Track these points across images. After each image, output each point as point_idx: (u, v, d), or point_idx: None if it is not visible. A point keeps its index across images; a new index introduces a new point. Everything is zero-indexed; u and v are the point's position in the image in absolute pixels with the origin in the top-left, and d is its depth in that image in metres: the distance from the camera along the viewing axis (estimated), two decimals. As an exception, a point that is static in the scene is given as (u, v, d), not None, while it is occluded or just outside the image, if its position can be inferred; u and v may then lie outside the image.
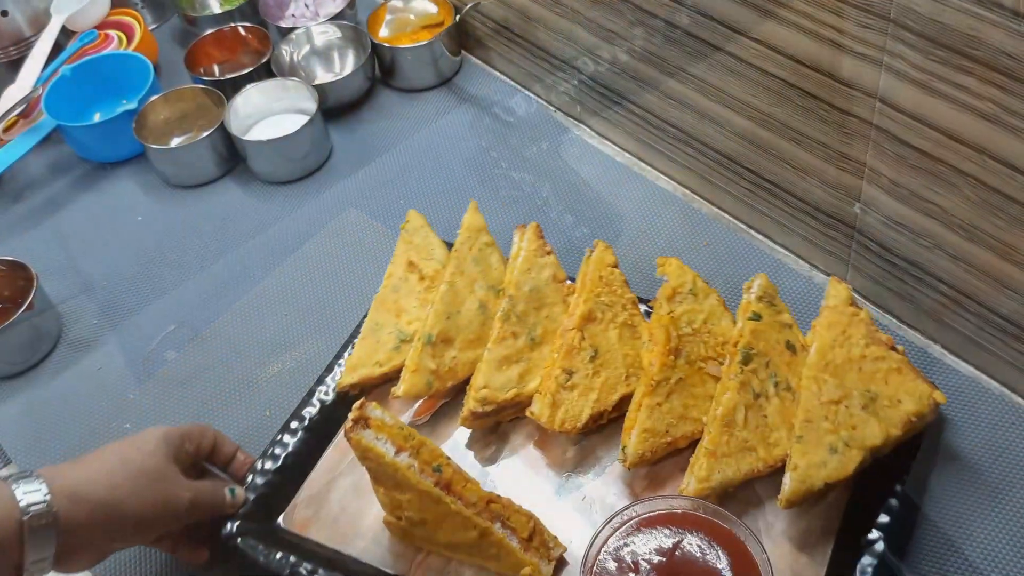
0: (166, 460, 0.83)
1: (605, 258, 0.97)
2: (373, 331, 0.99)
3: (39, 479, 0.75)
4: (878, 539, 0.80)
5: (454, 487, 0.82)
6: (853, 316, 0.88)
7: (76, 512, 0.75)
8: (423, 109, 1.31)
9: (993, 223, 0.83)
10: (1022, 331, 0.88)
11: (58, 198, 1.29)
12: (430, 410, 0.96)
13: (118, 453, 0.81)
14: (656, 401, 0.88)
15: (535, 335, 0.95)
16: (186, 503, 0.83)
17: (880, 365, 0.85)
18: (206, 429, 0.91)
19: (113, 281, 1.17)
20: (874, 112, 0.86)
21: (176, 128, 1.31)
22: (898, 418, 0.83)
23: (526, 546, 0.83)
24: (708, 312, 0.92)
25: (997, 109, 0.75)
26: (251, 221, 1.22)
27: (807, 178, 0.98)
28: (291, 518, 0.91)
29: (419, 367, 0.93)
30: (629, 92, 1.13)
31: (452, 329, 0.96)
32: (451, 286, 0.97)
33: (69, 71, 1.32)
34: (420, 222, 1.05)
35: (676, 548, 0.80)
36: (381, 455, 0.80)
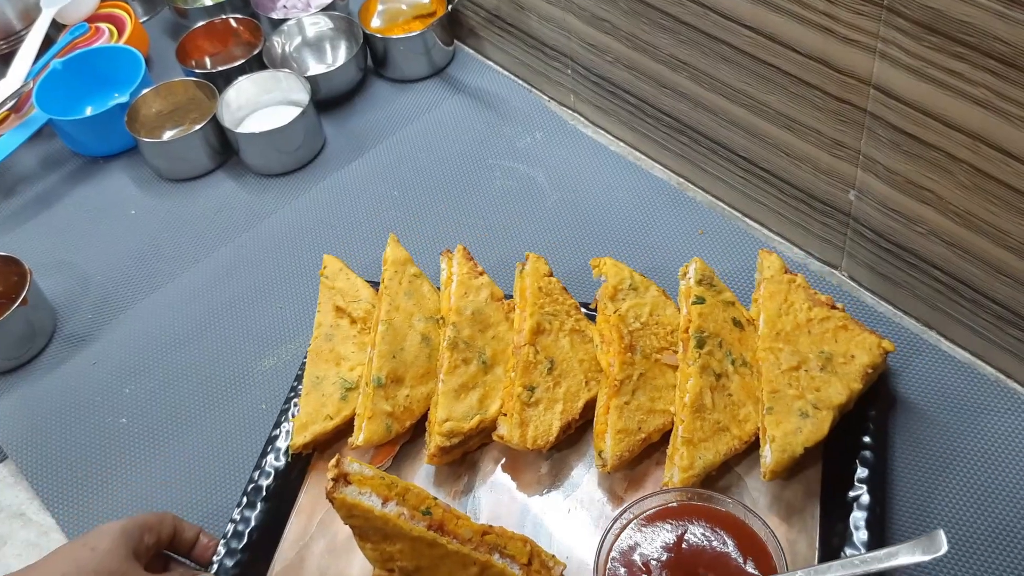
0: (124, 558, 0.79)
1: (539, 268, 0.96)
2: (316, 385, 0.95)
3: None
4: (862, 492, 0.82)
5: (447, 526, 0.80)
6: (791, 283, 0.91)
7: None
8: (416, 100, 1.31)
9: (987, 209, 0.83)
10: (1017, 317, 0.88)
11: (51, 193, 1.28)
12: (390, 455, 0.93)
13: (71, 557, 0.78)
14: (623, 400, 0.88)
15: (486, 358, 0.93)
16: None
17: (827, 325, 0.88)
18: (164, 517, 0.86)
19: (107, 275, 1.17)
20: (868, 99, 0.86)
21: (168, 121, 1.30)
22: (856, 372, 0.86)
23: (527, 571, 0.82)
24: (652, 304, 0.93)
25: (991, 95, 0.75)
26: (245, 214, 1.21)
27: (801, 166, 0.98)
28: None
29: (375, 412, 0.90)
30: (623, 81, 1.13)
31: (400, 367, 0.93)
32: (389, 324, 0.94)
33: (60, 65, 1.32)
34: (338, 265, 1.03)
35: (681, 540, 0.80)
36: (369, 509, 0.77)
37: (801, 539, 0.83)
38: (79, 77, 1.33)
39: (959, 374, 0.93)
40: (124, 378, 1.07)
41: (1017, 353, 0.91)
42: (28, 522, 0.96)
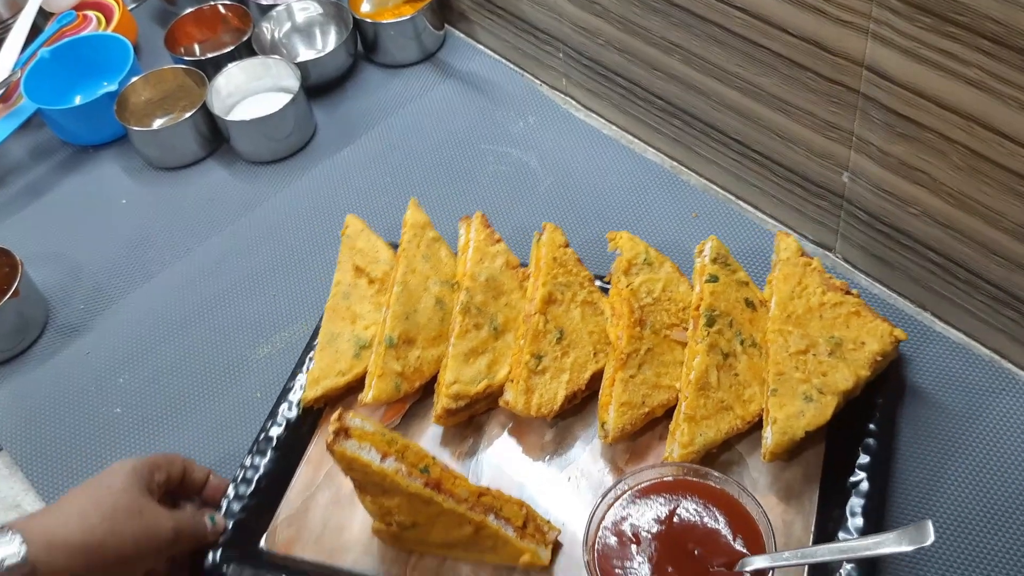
0: (139, 493, 0.81)
1: (556, 239, 0.97)
2: (330, 341, 0.97)
3: (11, 531, 0.74)
4: (861, 479, 0.82)
5: (443, 485, 0.81)
6: (806, 266, 0.90)
7: (54, 560, 0.75)
8: (407, 85, 1.30)
9: (981, 190, 0.83)
10: (1011, 297, 0.88)
11: (41, 183, 1.27)
12: (399, 413, 0.95)
13: (88, 495, 0.80)
14: (629, 374, 0.88)
15: (497, 324, 0.94)
16: (169, 534, 0.81)
17: (840, 310, 0.87)
18: (174, 458, 0.88)
19: (99, 266, 1.17)
20: (861, 80, 0.85)
21: (158, 109, 1.29)
22: (864, 359, 0.85)
23: (521, 534, 0.83)
24: (665, 280, 0.93)
25: (984, 75, 0.75)
26: (237, 202, 1.21)
27: (794, 148, 0.98)
28: (273, 539, 0.89)
29: (385, 371, 0.92)
30: (615, 64, 1.12)
31: (412, 329, 0.94)
32: (405, 286, 0.96)
33: (48, 53, 1.31)
34: (360, 226, 1.04)
35: (673, 515, 0.81)
36: (367, 464, 0.79)
37: (797, 521, 0.84)
38: (67, 66, 1.32)
39: (954, 355, 0.93)
40: (118, 368, 1.06)
41: (1011, 334, 0.91)
42: (24, 513, 0.96)
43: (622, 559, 0.79)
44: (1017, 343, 0.91)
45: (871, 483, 0.82)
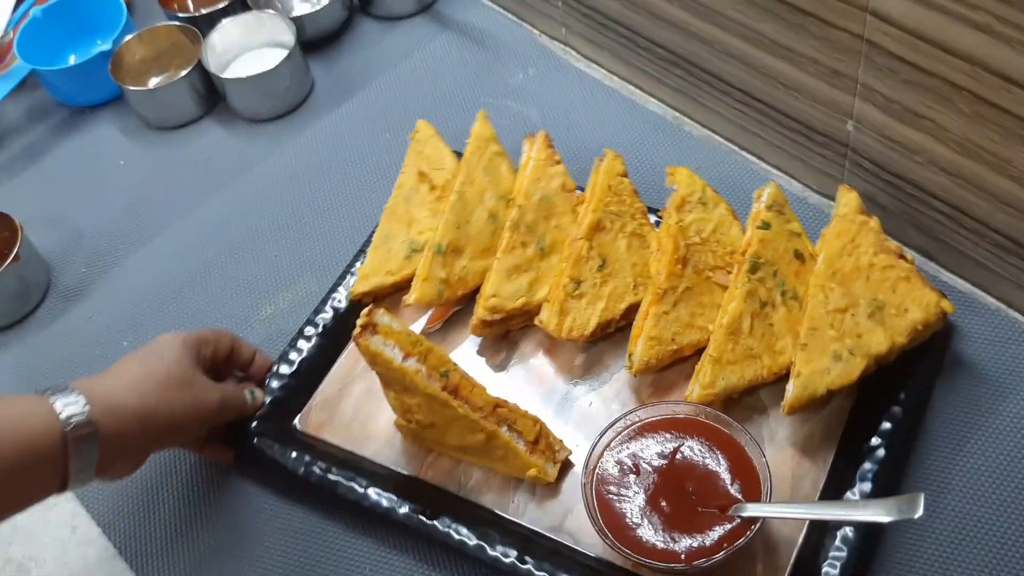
0: (190, 365, 0.85)
1: (615, 167, 0.96)
2: (384, 241, 1.00)
3: (74, 392, 0.77)
4: (879, 446, 0.82)
5: (461, 392, 0.84)
6: (863, 225, 0.87)
7: (111, 422, 0.77)
8: (405, 38, 1.28)
9: (988, 137, 0.81)
10: (1018, 246, 0.87)
11: (38, 145, 1.26)
12: (442, 318, 0.98)
13: (142, 364, 0.83)
14: (663, 310, 0.88)
15: (544, 245, 0.95)
16: (215, 405, 0.86)
17: (888, 274, 0.85)
18: (223, 334, 0.92)
19: (100, 228, 1.16)
20: (865, 26, 0.83)
21: (153, 68, 1.28)
22: (904, 326, 0.83)
23: (532, 449, 0.86)
24: (717, 221, 0.92)
25: (991, 19, 0.73)
26: (235, 161, 1.20)
27: (799, 96, 0.96)
28: (306, 421, 0.95)
29: (430, 276, 0.95)
30: (615, 12, 1.10)
31: (462, 239, 0.96)
32: (461, 196, 0.98)
33: (40, 13, 1.29)
34: (430, 131, 1.05)
35: (677, 452, 0.82)
36: (389, 360, 0.82)
37: (808, 477, 0.84)
38: (60, 25, 1.30)
39: (960, 304, 0.92)
40: (121, 331, 1.06)
41: (1018, 283, 0.90)
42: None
43: (618, 486, 0.81)
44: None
45: (887, 451, 0.81)
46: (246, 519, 0.91)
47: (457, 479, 0.89)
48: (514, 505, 0.87)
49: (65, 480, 0.76)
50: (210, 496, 0.93)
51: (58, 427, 0.74)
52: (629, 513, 0.80)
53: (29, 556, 0.92)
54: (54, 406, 0.75)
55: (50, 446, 0.74)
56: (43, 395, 0.76)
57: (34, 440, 0.74)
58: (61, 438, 0.74)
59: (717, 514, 0.78)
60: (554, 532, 0.85)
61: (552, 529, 0.85)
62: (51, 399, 0.76)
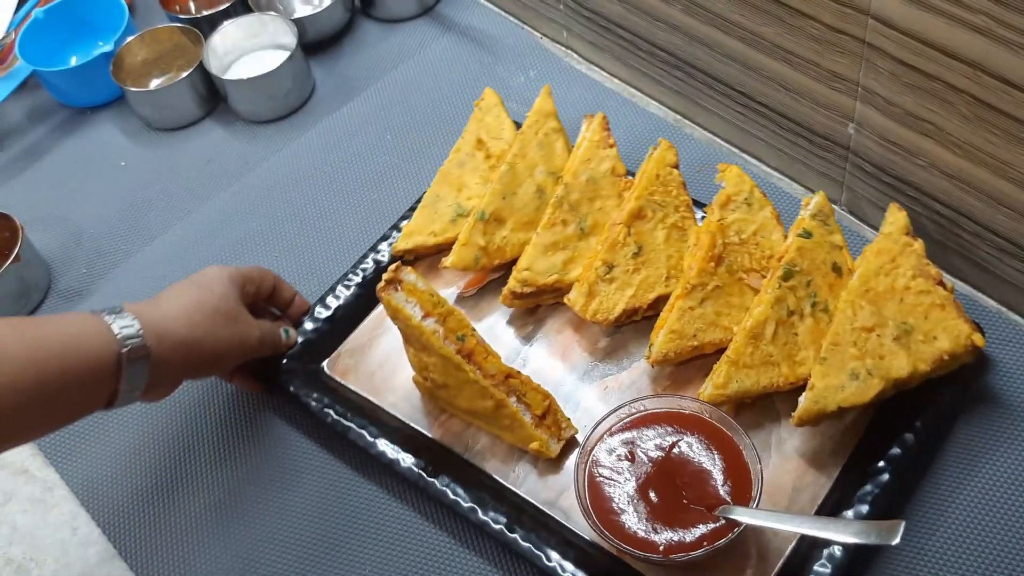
0: (236, 301, 0.88)
1: (666, 157, 0.96)
2: (433, 202, 1.02)
3: (130, 314, 0.80)
4: (884, 470, 0.81)
5: (475, 357, 0.86)
6: (906, 246, 0.85)
7: (162, 348, 0.80)
8: (406, 40, 1.28)
9: (988, 140, 0.81)
10: (1019, 249, 0.87)
11: (39, 146, 1.26)
12: (478, 284, 1.00)
13: (191, 295, 0.86)
14: (689, 305, 0.89)
15: (585, 225, 0.96)
16: (256, 341, 0.90)
17: (923, 299, 0.83)
18: (266, 274, 0.95)
19: (100, 229, 1.16)
20: (866, 29, 0.83)
21: (154, 69, 1.28)
22: (929, 354, 0.82)
23: (538, 423, 0.87)
24: (760, 224, 0.92)
25: (991, 23, 0.73)
26: (236, 162, 1.20)
27: (799, 99, 0.96)
28: (334, 365, 0.98)
29: (469, 241, 0.97)
30: (616, 15, 1.10)
31: (506, 209, 0.98)
32: (511, 167, 0.99)
33: (42, 14, 1.29)
34: (495, 100, 1.07)
35: (675, 446, 0.82)
36: (408, 317, 0.85)
37: (808, 491, 0.83)
38: (62, 26, 1.30)
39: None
40: (121, 332, 1.06)
41: (1019, 285, 0.90)
42: (32, 478, 0.97)
43: (612, 471, 0.82)
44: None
45: (891, 476, 0.81)
46: (246, 521, 0.91)
47: (465, 441, 0.91)
48: (515, 475, 0.89)
49: (113, 398, 0.79)
50: (211, 499, 0.93)
51: (115, 347, 0.77)
52: (617, 498, 0.80)
53: (29, 557, 0.92)
54: (112, 326, 0.78)
55: (106, 364, 0.77)
56: (98, 314, 0.79)
57: (91, 357, 0.76)
58: (116, 358, 0.77)
59: (704, 512, 0.78)
60: (548, 506, 0.86)
61: (546, 503, 0.87)
62: (108, 319, 0.78)
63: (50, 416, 0.77)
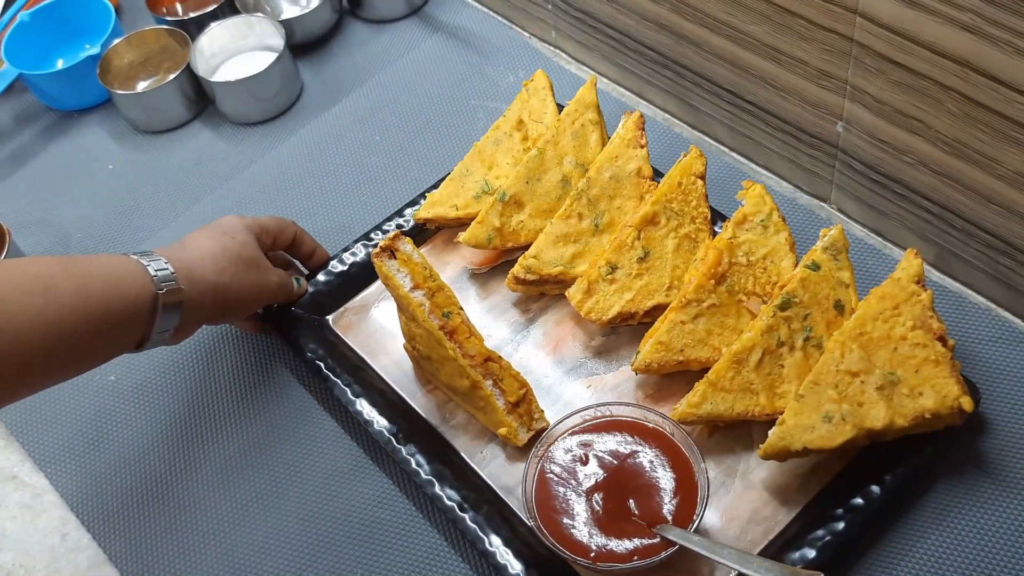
0: (256, 248, 0.91)
1: (692, 166, 0.95)
2: (461, 175, 1.03)
3: (162, 258, 0.82)
4: (840, 518, 0.79)
5: (457, 336, 0.87)
6: (913, 295, 0.82)
7: (191, 292, 0.82)
8: (394, 41, 1.28)
9: (977, 137, 0.81)
10: (1007, 245, 0.87)
11: (26, 149, 1.26)
12: (490, 263, 1.00)
13: (216, 241, 0.88)
14: (681, 319, 0.88)
15: (600, 222, 0.96)
16: (275, 287, 0.93)
17: (918, 352, 0.80)
18: (286, 225, 0.98)
19: (88, 232, 1.15)
20: (855, 28, 0.84)
21: (141, 72, 1.27)
22: (911, 409, 0.79)
23: (511, 409, 0.87)
24: (772, 248, 0.90)
25: (979, 20, 0.73)
26: (224, 164, 1.19)
27: (788, 98, 0.96)
28: (338, 320, 1.01)
29: (484, 220, 0.97)
30: (604, 14, 1.10)
31: (527, 194, 0.98)
32: (540, 153, 0.99)
33: (28, 17, 1.28)
34: (545, 83, 1.05)
35: (631, 456, 0.82)
36: (398, 286, 0.86)
37: (762, 525, 0.82)
38: (48, 29, 1.29)
39: (950, 304, 0.93)
40: (110, 336, 1.06)
41: (1007, 282, 0.90)
42: (21, 484, 0.96)
43: (563, 469, 0.83)
44: (1014, 291, 0.90)
45: (847, 525, 0.78)
46: (238, 526, 0.91)
47: (443, 414, 0.93)
48: (481, 456, 0.90)
49: (144, 339, 0.81)
50: (201, 503, 0.92)
51: (151, 288, 0.79)
52: (562, 497, 0.81)
53: (19, 563, 0.92)
54: (148, 268, 0.79)
55: (144, 305, 0.78)
56: (132, 257, 0.80)
57: (131, 297, 0.78)
58: (153, 299, 0.79)
59: (643, 527, 0.78)
60: (505, 493, 0.87)
61: (504, 489, 0.87)
62: (144, 260, 0.80)
63: (88, 354, 0.78)
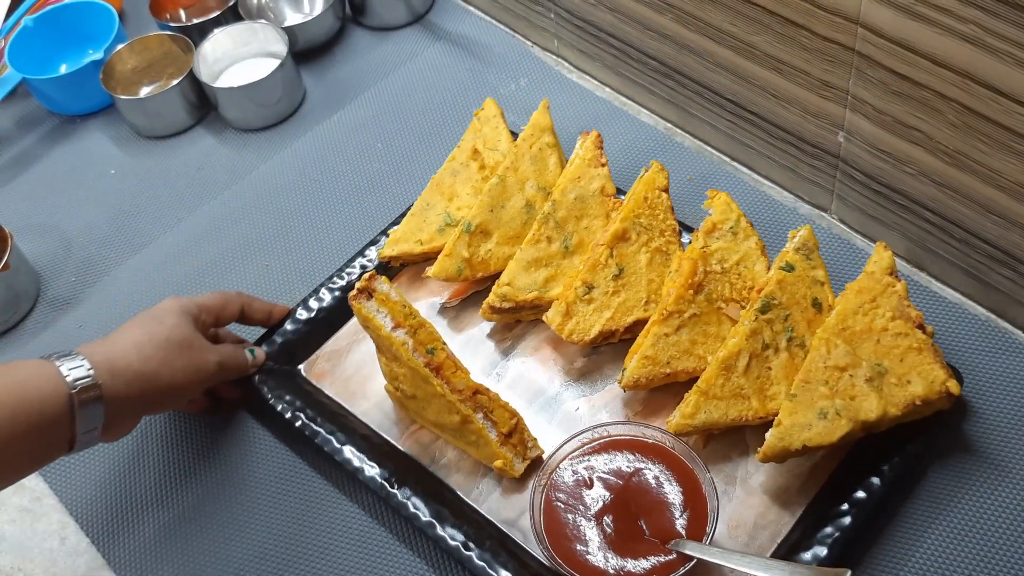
0: (190, 330, 0.87)
1: (656, 180, 0.95)
2: (423, 210, 1.02)
3: (79, 356, 0.80)
4: (846, 513, 0.79)
5: (443, 371, 0.86)
6: (888, 287, 0.84)
7: (116, 384, 0.80)
8: (397, 48, 1.28)
9: (977, 148, 0.82)
10: (1007, 256, 0.87)
11: (28, 154, 1.26)
12: (461, 296, 0.99)
13: (143, 328, 0.85)
14: (664, 331, 0.88)
15: (570, 243, 0.96)
16: (214, 367, 0.89)
17: (900, 341, 0.82)
18: (229, 299, 0.95)
19: (89, 237, 1.16)
20: (856, 38, 0.84)
21: (144, 77, 1.27)
22: (901, 398, 0.80)
23: (504, 440, 0.86)
24: (743, 254, 0.91)
25: (980, 32, 0.74)
26: (226, 170, 1.19)
27: (790, 108, 0.96)
28: (310, 368, 0.98)
29: (453, 253, 0.97)
30: (607, 24, 1.11)
31: (493, 222, 0.98)
32: (502, 180, 0.99)
33: (31, 22, 1.28)
34: (495, 111, 1.06)
35: (635, 474, 0.82)
36: (379, 327, 0.85)
37: (769, 529, 0.83)
38: (51, 34, 1.30)
39: (950, 314, 0.93)
40: (111, 341, 1.06)
41: (1008, 292, 0.90)
42: (20, 488, 0.96)
43: (569, 495, 0.82)
44: (1014, 302, 0.90)
45: (853, 519, 0.79)
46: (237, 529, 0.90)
47: (432, 454, 0.91)
48: (477, 491, 0.88)
49: (72, 441, 0.79)
50: (200, 508, 0.92)
51: (65, 390, 0.77)
52: (572, 523, 0.80)
53: (18, 567, 0.92)
54: (60, 369, 0.78)
55: (58, 409, 0.77)
56: (48, 359, 0.79)
57: (43, 404, 0.76)
58: (68, 401, 0.77)
59: (657, 544, 0.78)
60: (507, 526, 0.86)
61: (506, 523, 0.86)
62: (57, 363, 0.78)
63: (10, 463, 0.76)
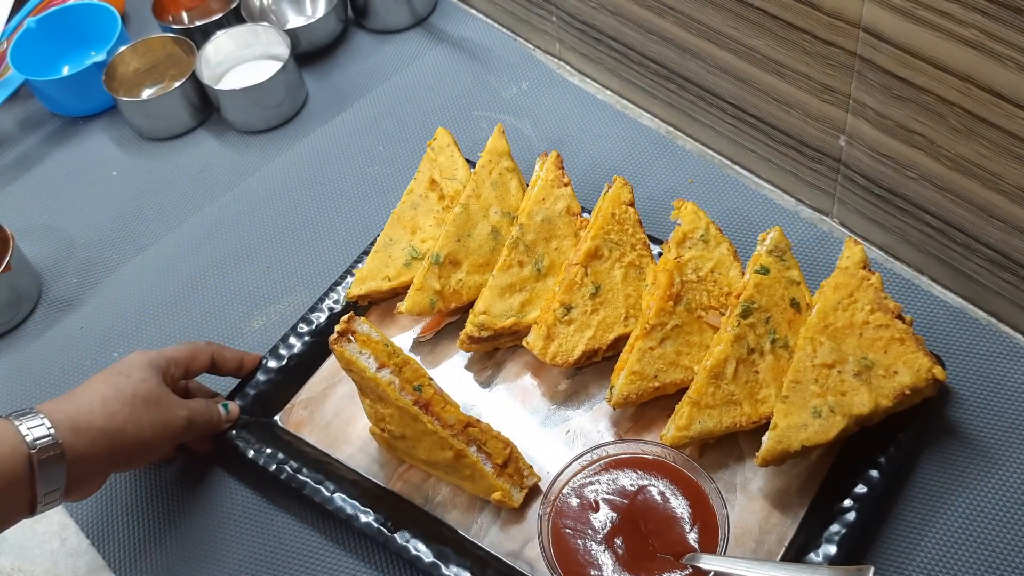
0: (157, 384, 0.84)
1: (621, 195, 0.95)
2: (386, 246, 1.00)
3: (39, 414, 0.76)
4: (850, 509, 0.80)
5: (433, 407, 0.84)
6: (863, 280, 0.85)
7: (79, 443, 0.77)
8: (399, 51, 1.28)
9: (979, 152, 0.82)
10: (1008, 260, 0.87)
11: (30, 155, 1.26)
12: (435, 328, 0.98)
13: (108, 383, 0.82)
14: (649, 345, 0.87)
15: (541, 266, 0.95)
16: (183, 422, 0.85)
17: (882, 333, 0.82)
18: (199, 352, 0.91)
19: (91, 238, 1.16)
20: (858, 42, 0.84)
21: (147, 79, 1.28)
22: (891, 389, 0.81)
23: (500, 472, 0.85)
24: (717, 261, 0.91)
25: (982, 36, 0.74)
26: (228, 172, 1.20)
27: (791, 111, 0.96)
28: (287, 417, 0.95)
29: (423, 286, 0.95)
30: (609, 27, 1.11)
31: (461, 252, 0.97)
32: (465, 208, 0.98)
33: (34, 23, 1.29)
34: (447, 140, 1.05)
35: (640, 492, 0.81)
36: (363, 369, 0.83)
37: (775, 532, 0.83)
38: (54, 36, 1.30)
39: (951, 319, 0.93)
40: (112, 342, 1.06)
41: (1009, 296, 0.90)
42: (21, 489, 0.96)
43: (576, 520, 0.81)
44: (1015, 306, 0.90)
45: (858, 514, 0.79)
46: (235, 529, 0.90)
47: (425, 493, 0.89)
48: (477, 526, 0.87)
49: (34, 504, 0.75)
50: (199, 509, 0.92)
51: (24, 451, 0.73)
52: (583, 549, 0.79)
53: (18, 568, 0.92)
54: (19, 429, 0.74)
55: (16, 470, 0.73)
56: (7, 419, 0.75)
57: (1, 465, 0.72)
58: (27, 461, 0.73)
59: (671, 560, 0.77)
60: (512, 558, 0.84)
61: (510, 555, 0.84)
62: (16, 422, 0.75)
63: None
